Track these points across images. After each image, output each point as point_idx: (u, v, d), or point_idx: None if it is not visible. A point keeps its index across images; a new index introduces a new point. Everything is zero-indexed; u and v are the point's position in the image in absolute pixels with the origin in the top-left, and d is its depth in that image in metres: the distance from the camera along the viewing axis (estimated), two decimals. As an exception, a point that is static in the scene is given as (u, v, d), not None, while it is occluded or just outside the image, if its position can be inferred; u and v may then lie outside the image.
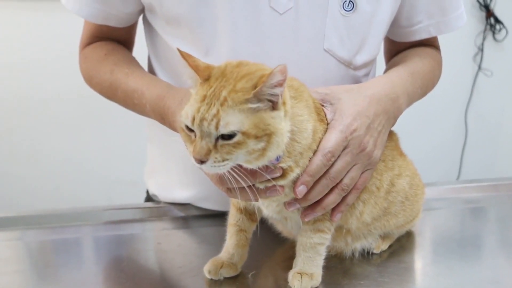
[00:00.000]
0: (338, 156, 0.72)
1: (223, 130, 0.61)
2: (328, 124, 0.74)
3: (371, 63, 0.96)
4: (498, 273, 0.83)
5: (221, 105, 0.62)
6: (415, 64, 0.94)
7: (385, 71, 0.97)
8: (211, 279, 0.77)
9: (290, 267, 0.77)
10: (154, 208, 1.07)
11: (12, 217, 1.02)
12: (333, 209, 0.75)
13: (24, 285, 0.81)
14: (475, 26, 2.54)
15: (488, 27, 2.54)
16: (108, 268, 0.86)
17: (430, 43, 1.03)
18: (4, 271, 0.83)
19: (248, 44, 0.85)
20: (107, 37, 1.02)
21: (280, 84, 0.62)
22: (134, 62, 0.98)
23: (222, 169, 0.63)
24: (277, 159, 0.67)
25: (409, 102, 0.88)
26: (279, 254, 0.89)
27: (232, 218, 0.81)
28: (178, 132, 0.79)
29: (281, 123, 0.64)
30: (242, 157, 0.63)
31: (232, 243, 0.79)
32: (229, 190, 0.70)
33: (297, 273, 0.75)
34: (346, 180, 0.74)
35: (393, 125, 0.84)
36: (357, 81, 0.94)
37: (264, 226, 0.86)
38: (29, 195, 2.27)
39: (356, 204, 0.79)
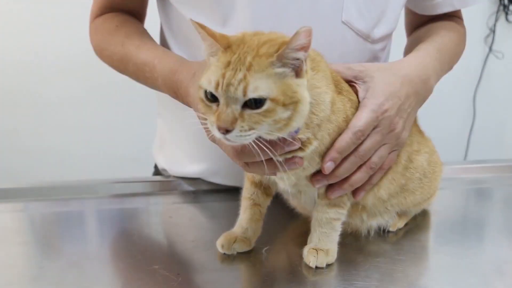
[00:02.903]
0: (368, 135, 0.71)
1: (252, 95, 0.59)
2: (358, 101, 0.72)
3: (388, 37, 0.94)
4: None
5: (248, 70, 0.59)
6: (441, 39, 0.92)
7: (409, 46, 0.95)
8: (224, 253, 0.76)
9: (304, 242, 0.76)
10: (164, 182, 1.06)
11: (15, 188, 1.01)
12: (357, 188, 0.75)
13: (27, 256, 0.80)
14: (487, 6, 2.49)
15: (501, 8, 2.49)
16: (119, 241, 0.84)
17: (454, 15, 1.01)
18: (7, 243, 0.82)
19: (266, 16, 0.83)
20: (119, 8, 0.99)
21: (303, 48, 0.60)
22: (145, 35, 0.95)
23: (248, 139, 0.60)
24: (296, 131, 0.65)
25: (438, 80, 0.87)
26: (293, 230, 0.87)
27: (247, 192, 0.79)
28: (191, 107, 0.77)
29: (306, 92, 0.62)
30: (268, 127, 0.60)
31: (246, 217, 0.78)
32: (247, 165, 0.68)
33: (313, 249, 0.74)
34: (374, 159, 0.73)
35: (421, 106, 0.83)
36: (374, 55, 0.92)
37: (279, 201, 0.85)
38: (34, 170, 2.27)
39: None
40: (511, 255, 0.81)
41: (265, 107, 0.59)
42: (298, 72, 0.62)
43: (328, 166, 0.69)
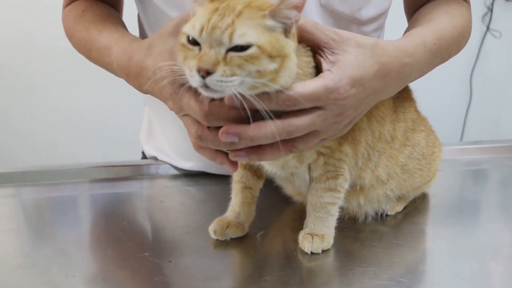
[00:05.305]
0: (308, 112, 0.60)
1: (239, 41, 0.55)
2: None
3: (380, 16, 0.89)
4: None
5: (237, 16, 0.56)
6: (443, 26, 0.79)
7: (408, 29, 0.88)
8: (217, 239, 0.74)
9: (300, 228, 0.74)
10: (155, 165, 1.03)
11: (6, 173, 0.98)
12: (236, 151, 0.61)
13: (18, 243, 0.77)
14: (485, -16, 2.46)
15: (499, -15, 2.46)
16: (108, 227, 0.82)
17: None
18: (-1, 229, 0.79)
19: None
20: None
21: (297, 8, 0.57)
22: (110, 18, 0.88)
23: (229, 86, 0.55)
24: None
25: (420, 75, 0.74)
26: (288, 214, 0.85)
27: (236, 175, 0.77)
28: (146, 92, 0.71)
29: (293, 53, 0.58)
30: (251, 79, 0.55)
31: (237, 201, 0.76)
32: (202, 149, 0.63)
33: (308, 234, 0.72)
34: (300, 144, 0.61)
35: (377, 101, 0.70)
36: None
37: (274, 185, 0.82)
38: (27, 152, 2.25)
39: (371, 156, 0.74)
40: (510, 237, 0.79)
41: (249, 51, 0.55)
42: (286, 33, 0.58)
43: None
